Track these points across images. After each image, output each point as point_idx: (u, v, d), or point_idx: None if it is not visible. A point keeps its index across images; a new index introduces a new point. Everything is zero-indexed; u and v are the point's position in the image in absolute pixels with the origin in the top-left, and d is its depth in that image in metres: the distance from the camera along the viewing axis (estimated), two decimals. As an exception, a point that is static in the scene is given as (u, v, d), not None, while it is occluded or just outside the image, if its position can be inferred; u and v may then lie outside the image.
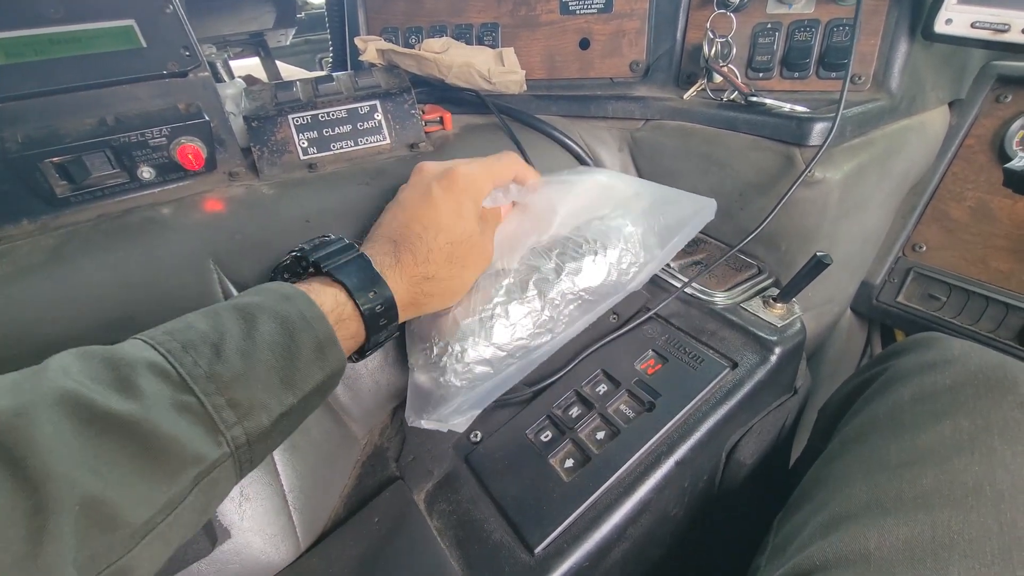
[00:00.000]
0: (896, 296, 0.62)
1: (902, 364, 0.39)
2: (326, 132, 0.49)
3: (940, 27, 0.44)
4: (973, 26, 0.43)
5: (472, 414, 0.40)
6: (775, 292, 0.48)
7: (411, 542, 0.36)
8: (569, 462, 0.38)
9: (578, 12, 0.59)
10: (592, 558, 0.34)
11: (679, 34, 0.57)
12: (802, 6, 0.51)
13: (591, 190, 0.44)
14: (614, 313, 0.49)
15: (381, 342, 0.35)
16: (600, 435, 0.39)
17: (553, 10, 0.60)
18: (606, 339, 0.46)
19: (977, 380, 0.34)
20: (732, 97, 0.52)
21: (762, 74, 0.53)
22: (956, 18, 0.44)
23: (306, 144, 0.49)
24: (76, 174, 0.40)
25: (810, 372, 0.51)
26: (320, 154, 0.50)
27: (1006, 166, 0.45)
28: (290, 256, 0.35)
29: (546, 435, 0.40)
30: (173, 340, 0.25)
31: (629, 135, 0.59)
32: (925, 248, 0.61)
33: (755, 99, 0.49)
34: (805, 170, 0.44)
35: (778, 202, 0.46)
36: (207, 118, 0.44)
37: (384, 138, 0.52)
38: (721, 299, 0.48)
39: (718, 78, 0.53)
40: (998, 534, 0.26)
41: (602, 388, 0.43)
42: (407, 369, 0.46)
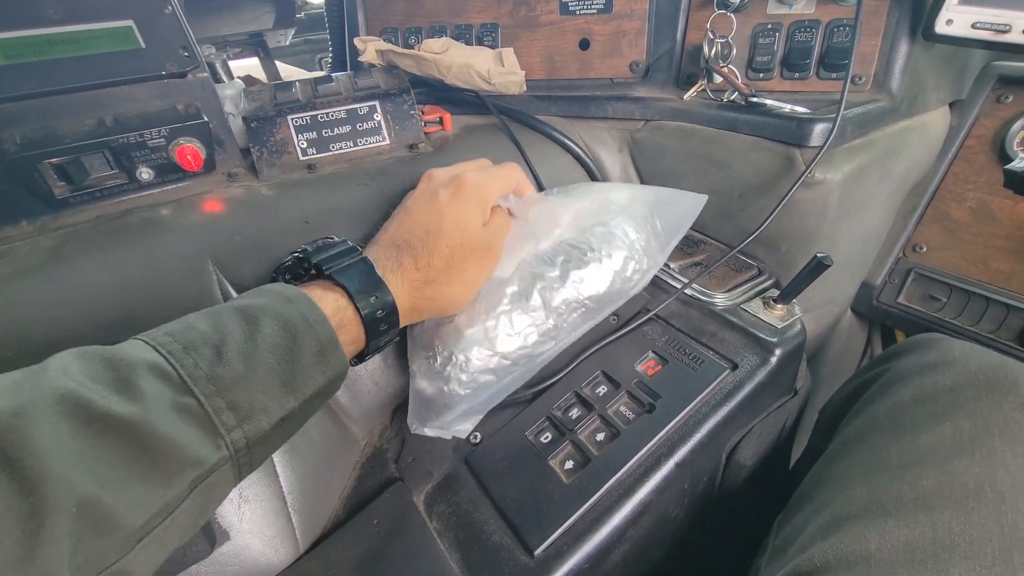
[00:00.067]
0: (896, 297, 0.62)
1: (902, 365, 0.39)
2: (325, 133, 0.49)
3: (941, 28, 0.44)
4: (974, 27, 0.43)
5: (475, 419, 0.40)
6: (775, 293, 0.48)
7: (411, 544, 0.36)
8: (569, 463, 0.38)
9: (578, 12, 0.59)
10: (592, 560, 0.34)
11: (679, 34, 0.56)
12: (802, 6, 0.50)
13: (589, 197, 0.44)
14: (614, 314, 0.49)
15: (381, 347, 0.34)
16: (600, 436, 0.39)
17: (553, 10, 0.60)
18: (606, 340, 0.46)
19: (978, 381, 0.34)
20: (732, 98, 0.52)
21: (762, 75, 0.53)
22: (957, 19, 0.44)
23: (305, 145, 0.49)
24: (75, 175, 0.40)
25: (810, 373, 0.51)
26: (319, 155, 0.50)
27: (1007, 167, 0.45)
28: (292, 257, 0.35)
29: (546, 436, 0.40)
30: (174, 341, 0.25)
31: (629, 136, 0.59)
32: (926, 249, 0.61)
33: (755, 100, 0.49)
34: (806, 171, 0.44)
35: (778, 203, 0.45)
36: (206, 119, 0.44)
37: (383, 139, 0.52)
38: (721, 300, 0.48)
39: (718, 79, 0.52)
40: (999, 535, 0.26)
41: (602, 389, 0.43)
42: (407, 371, 0.46)
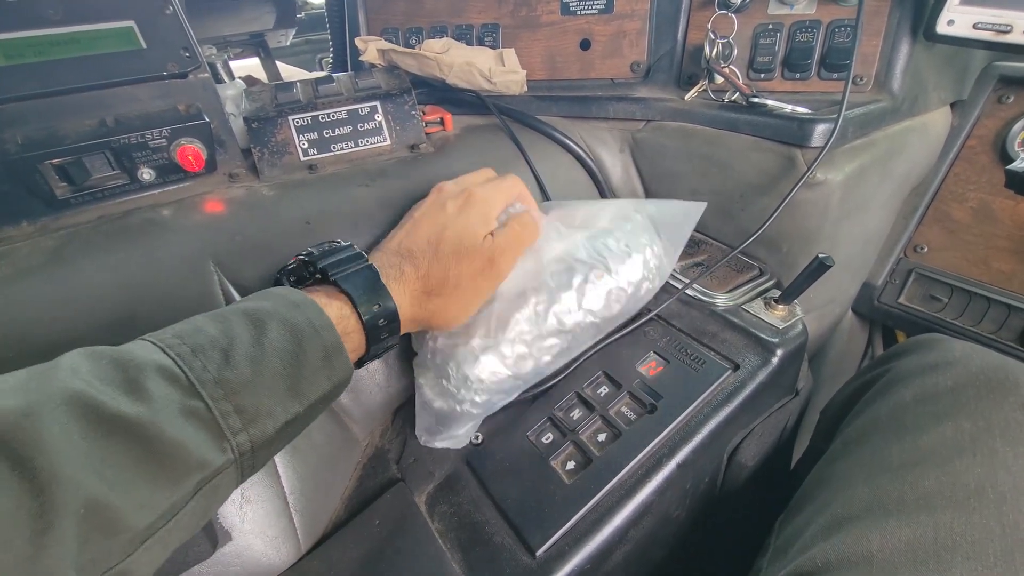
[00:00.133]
0: (897, 297, 0.62)
1: (903, 365, 0.39)
2: (326, 133, 0.49)
3: (942, 28, 0.44)
4: (975, 27, 0.43)
5: (477, 422, 0.41)
6: (776, 293, 0.48)
7: (412, 544, 0.36)
8: (571, 464, 0.38)
9: (579, 13, 0.59)
10: (594, 560, 0.34)
11: (680, 35, 0.56)
12: (804, 7, 0.50)
13: (597, 213, 0.44)
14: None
15: (380, 354, 0.34)
16: (602, 437, 0.39)
17: (554, 11, 0.60)
18: (607, 341, 0.46)
19: (979, 381, 0.34)
20: (733, 98, 0.52)
21: (763, 75, 0.53)
22: (958, 19, 0.44)
23: (306, 145, 0.49)
24: (76, 175, 0.40)
25: (811, 373, 0.51)
26: (320, 155, 0.49)
27: (1008, 167, 0.45)
28: (297, 260, 0.35)
29: (547, 437, 0.40)
30: (183, 344, 0.25)
31: (630, 136, 0.59)
32: (927, 249, 0.61)
33: (756, 100, 0.49)
34: (807, 171, 0.44)
35: (780, 203, 0.45)
36: (207, 119, 0.44)
37: (384, 139, 0.52)
38: (722, 301, 0.48)
39: (719, 79, 0.52)
40: (1000, 536, 0.26)
41: (603, 390, 0.43)
42: (408, 372, 0.46)
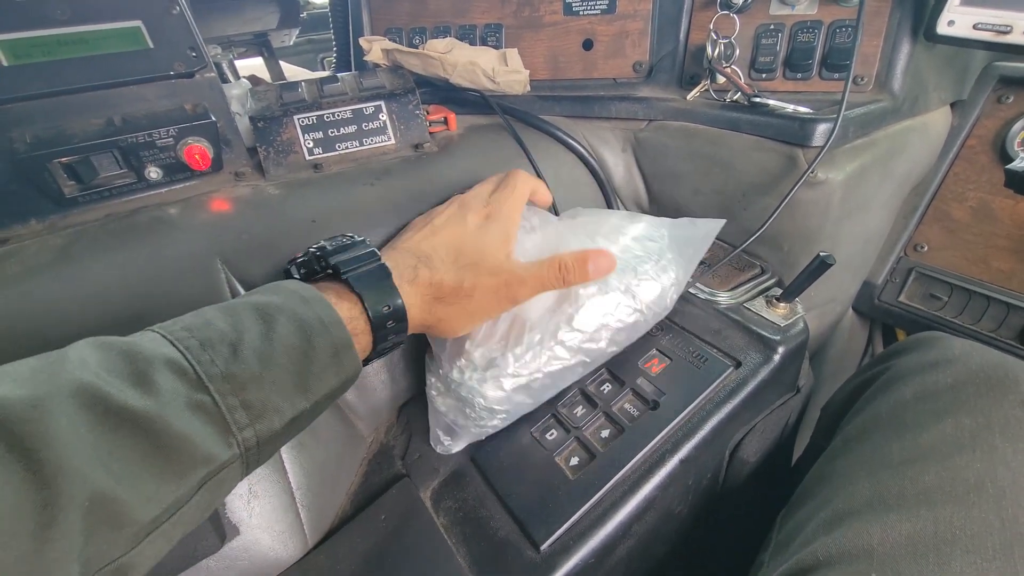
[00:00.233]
0: (898, 296, 0.63)
1: (904, 363, 0.40)
2: (331, 132, 0.50)
3: (942, 28, 0.45)
4: (975, 28, 0.43)
5: None
6: (778, 292, 0.48)
7: (418, 539, 0.37)
8: (574, 460, 0.38)
9: (581, 13, 0.60)
10: (598, 555, 0.34)
11: (682, 35, 0.57)
12: (805, 7, 0.51)
13: (615, 235, 0.44)
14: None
15: (385, 353, 0.34)
16: (605, 433, 0.40)
17: (557, 11, 0.61)
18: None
19: (978, 379, 0.35)
20: (735, 98, 0.53)
21: (765, 75, 0.54)
22: (958, 20, 0.44)
23: (311, 144, 0.49)
24: (84, 174, 0.40)
25: (812, 371, 0.52)
26: (325, 154, 0.50)
27: (1007, 167, 0.45)
28: (308, 253, 0.35)
29: (551, 433, 0.40)
30: (192, 337, 0.25)
31: (632, 135, 0.59)
32: (927, 248, 0.62)
33: (758, 100, 0.50)
34: (807, 170, 0.45)
35: (780, 202, 0.46)
36: (213, 118, 0.44)
37: (389, 138, 0.52)
38: (725, 299, 0.48)
39: (721, 79, 0.53)
40: (999, 530, 0.27)
41: (607, 387, 0.43)
42: (413, 369, 0.46)
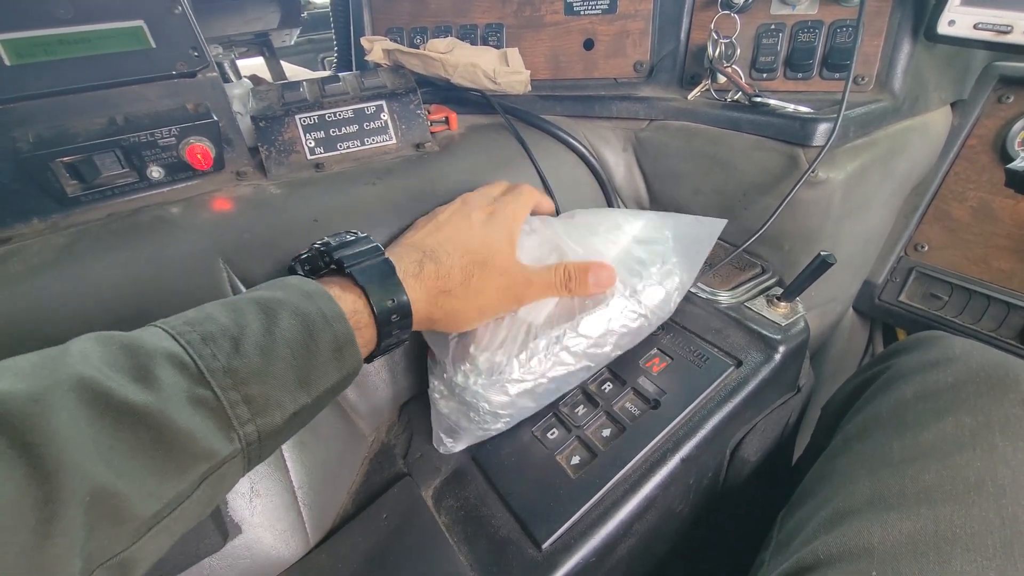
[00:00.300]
0: (898, 295, 0.63)
1: (904, 362, 0.40)
2: (333, 132, 0.50)
3: (943, 28, 0.45)
4: (976, 27, 0.43)
5: None
6: (779, 291, 0.48)
7: (419, 538, 0.37)
8: (575, 459, 0.38)
9: (582, 13, 0.60)
10: (599, 554, 0.34)
11: (683, 35, 0.57)
12: (806, 7, 0.51)
13: (618, 235, 0.44)
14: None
15: (390, 349, 0.34)
16: (606, 432, 0.40)
17: (557, 11, 0.61)
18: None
19: (979, 378, 0.35)
20: (736, 98, 0.53)
21: (766, 75, 0.54)
22: (959, 19, 0.44)
23: (313, 144, 0.49)
24: (86, 173, 0.40)
25: (813, 370, 0.52)
26: (327, 154, 0.50)
27: (1008, 166, 0.45)
28: (312, 249, 0.35)
29: (552, 433, 0.41)
30: (193, 331, 0.25)
31: (633, 135, 0.59)
32: (927, 248, 0.62)
33: (759, 99, 0.50)
34: (808, 170, 0.45)
35: (781, 201, 0.46)
36: (215, 118, 0.44)
37: (390, 138, 0.52)
38: (725, 298, 0.49)
39: (722, 79, 0.53)
40: (999, 528, 0.27)
41: (608, 386, 0.43)
42: (415, 368, 0.46)
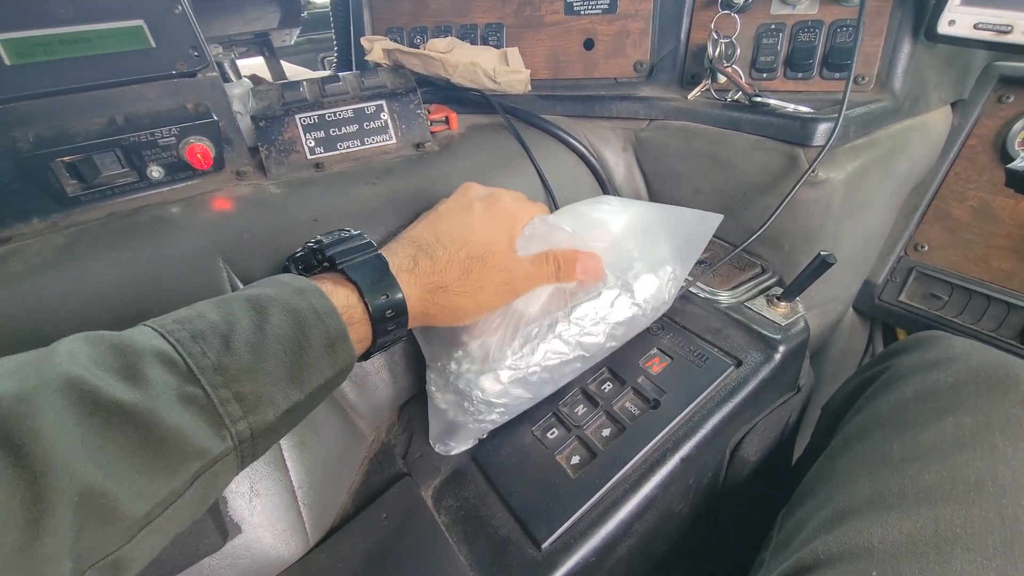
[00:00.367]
0: (898, 295, 0.63)
1: (904, 362, 0.40)
2: (333, 132, 0.50)
3: (943, 28, 0.45)
4: (976, 27, 0.43)
5: None
6: (779, 291, 0.48)
7: (419, 537, 0.37)
8: (575, 459, 0.38)
9: (582, 13, 0.60)
10: (599, 553, 0.34)
11: (683, 35, 0.57)
12: (806, 7, 0.51)
13: (613, 223, 0.43)
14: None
15: (386, 346, 0.34)
16: (606, 432, 0.40)
17: (557, 11, 0.61)
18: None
19: (979, 378, 0.35)
20: (736, 97, 0.53)
21: (766, 74, 0.54)
22: (959, 19, 0.44)
23: (313, 144, 0.49)
24: (86, 173, 0.40)
25: (813, 370, 0.52)
26: (327, 153, 0.50)
27: (1008, 166, 0.45)
28: (306, 247, 0.35)
29: (552, 432, 0.41)
30: (183, 329, 0.25)
31: (633, 135, 0.59)
32: (927, 248, 0.62)
33: (759, 99, 0.50)
34: (808, 170, 0.45)
35: (781, 201, 0.46)
36: (215, 118, 0.44)
37: (390, 138, 0.52)
38: (725, 298, 0.48)
39: (722, 78, 0.53)
40: (999, 528, 0.27)
41: (608, 386, 0.43)
42: (414, 368, 0.46)
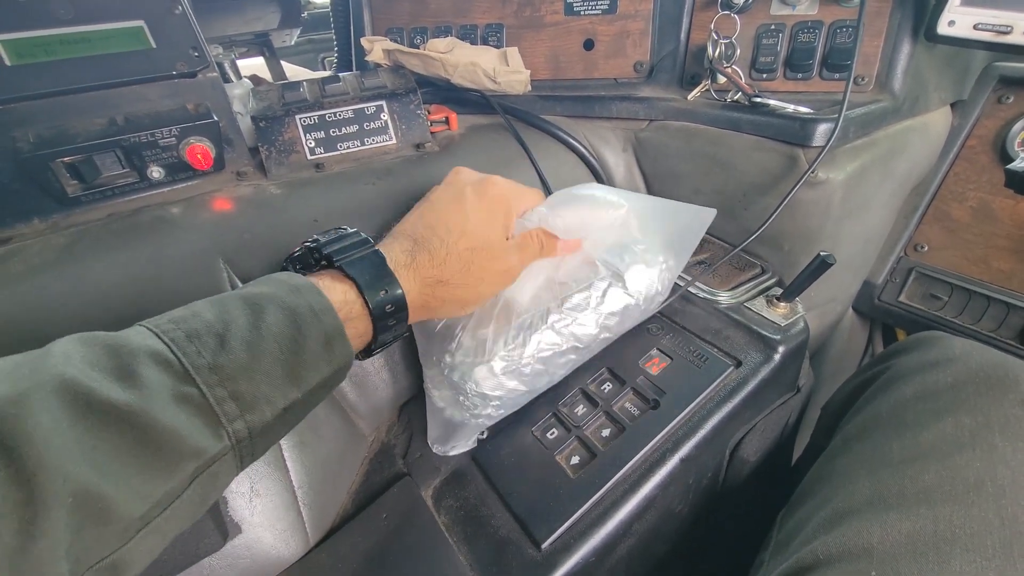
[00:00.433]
0: (898, 296, 0.63)
1: (904, 363, 0.40)
2: (333, 132, 0.50)
3: (943, 29, 0.45)
4: (976, 28, 0.43)
5: None
6: (778, 291, 0.48)
7: (419, 537, 0.37)
8: (575, 459, 0.38)
9: (582, 13, 0.60)
10: (598, 553, 0.34)
11: (683, 35, 0.57)
12: (806, 7, 0.51)
13: (606, 212, 0.43)
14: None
15: (388, 342, 0.34)
16: (606, 432, 0.40)
17: (557, 11, 0.61)
18: (611, 338, 0.47)
19: (978, 378, 0.35)
20: (736, 98, 0.53)
21: (766, 75, 0.54)
22: (959, 20, 0.44)
23: (313, 144, 0.49)
24: (87, 174, 0.40)
25: (813, 371, 0.52)
26: (327, 154, 0.50)
27: (1007, 167, 0.45)
28: (303, 246, 0.34)
29: (552, 432, 0.41)
30: (177, 329, 0.24)
31: (633, 135, 0.59)
32: (927, 248, 0.62)
33: (759, 100, 0.50)
34: (808, 170, 0.45)
35: (781, 202, 0.46)
36: (216, 118, 0.44)
37: (390, 138, 0.52)
38: (725, 298, 0.49)
39: (722, 79, 0.53)
40: (999, 528, 0.27)
41: (607, 386, 0.43)
42: (414, 368, 0.46)
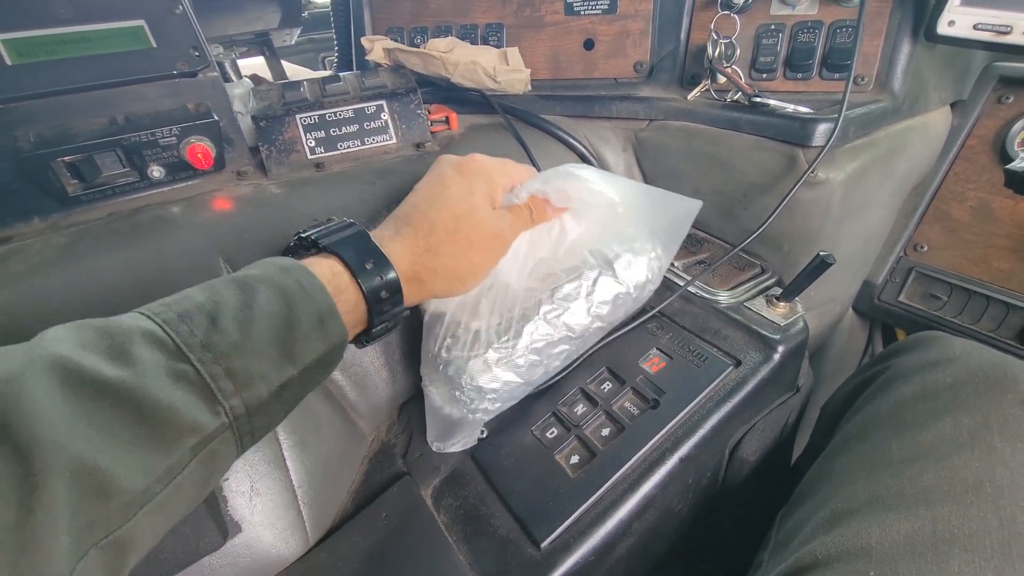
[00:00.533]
0: (898, 295, 0.63)
1: (903, 363, 0.40)
2: (333, 132, 0.50)
3: (943, 29, 0.45)
4: (975, 28, 0.43)
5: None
6: (778, 291, 0.48)
7: (419, 536, 0.37)
8: (575, 458, 0.38)
9: (582, 13, 0.60)
10: (598, 553, 0.35)
11: (683, 35, 0.57)
12: (806, 7, 0.51)
13: (597, 199, 0.43)
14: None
15: (387, 321, 0.34)
16: (605, 432, 0.40)
17: (558, 11, 0.61)
18: (611, 337, 0.47)
19: (978, 378, 0.35)
20: (736, 98, 0.53)
21: (766, 75, 0.54)
22: (959, 20, 0.44)
23: (313, 143, 0.49)
24: (87, 173, 0.40)
25: (812, 370, 0.52)
26: (327, 153, 0.50)
27: (1007, 167, 0.45)
28: (294, 239, 0.35)
29: (552, 432, 0.41)
30: (169, 310, 0.25)
31: (633, 135, 0.59)
32: (927, 248, 0.62)
33: (759, 100, 0.50)
34: (808, 170, 0.45)
35: (780, 201, 0.46)
36: (216, 118, 0.44)
37: (390, 138, 0.52)
38: (725, 298, 0.49)
39: (722, 79, 0.53)
40: (997, 528, 0.27)
41: (607, 386, 0.43)
42: (414, 368, 0.46)
